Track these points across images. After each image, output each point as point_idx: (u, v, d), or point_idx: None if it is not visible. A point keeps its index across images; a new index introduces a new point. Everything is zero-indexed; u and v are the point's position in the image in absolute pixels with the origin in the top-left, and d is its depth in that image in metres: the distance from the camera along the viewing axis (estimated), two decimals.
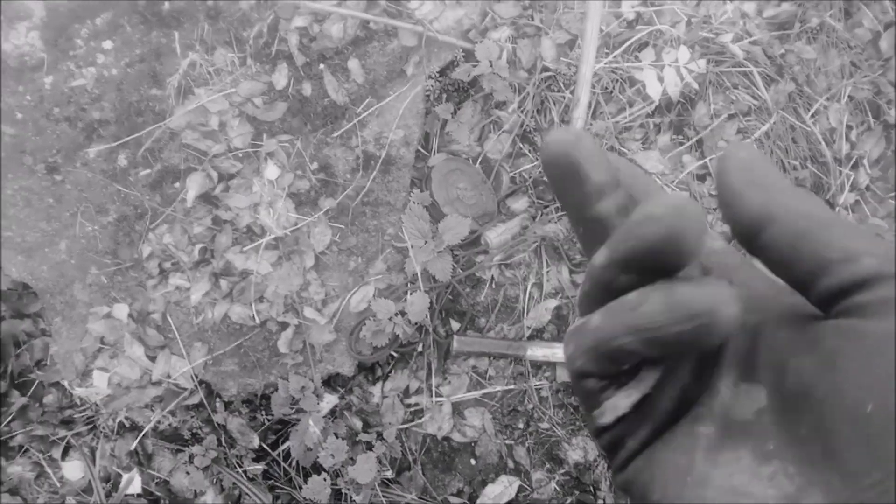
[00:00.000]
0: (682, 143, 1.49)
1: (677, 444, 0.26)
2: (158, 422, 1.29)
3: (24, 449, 1.35)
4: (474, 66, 1.39)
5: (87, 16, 1.29)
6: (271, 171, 1.31)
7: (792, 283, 0.25)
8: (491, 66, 1.38)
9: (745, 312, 0.27)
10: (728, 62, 1.52)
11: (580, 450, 1.33)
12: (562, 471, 1.32)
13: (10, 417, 1.34)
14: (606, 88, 1.49)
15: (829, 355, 0.23)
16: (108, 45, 1.29)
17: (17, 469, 1.33)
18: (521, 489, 1.30)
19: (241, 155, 1.31)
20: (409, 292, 1.29)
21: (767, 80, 1.54)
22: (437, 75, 1.41)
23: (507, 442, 1.32)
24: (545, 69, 1.46)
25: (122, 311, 1.27)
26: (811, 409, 0.23)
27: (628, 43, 1.48)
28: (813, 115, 1.54)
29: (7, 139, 1.28)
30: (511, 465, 1.31)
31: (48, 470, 1.33)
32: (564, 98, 1.47)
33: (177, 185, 1.31)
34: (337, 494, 1.23)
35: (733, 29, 1.53)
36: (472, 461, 1.31)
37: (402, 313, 1.25)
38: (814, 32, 1.58)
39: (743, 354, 0.26)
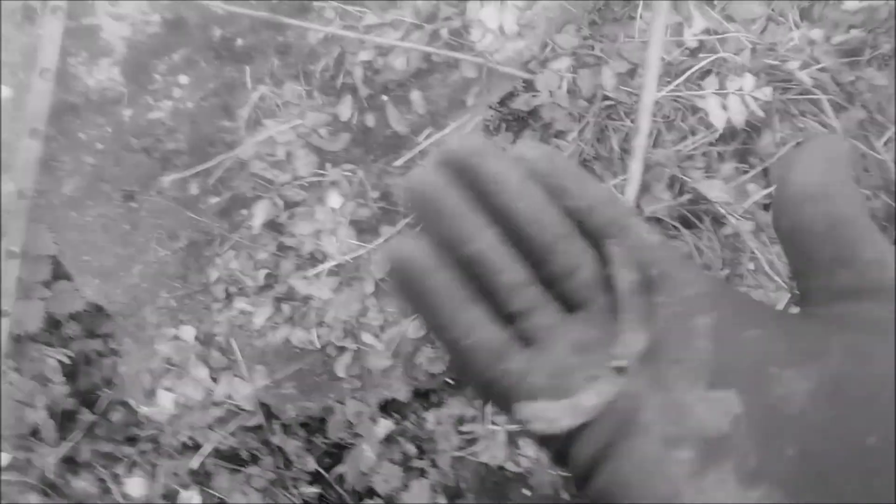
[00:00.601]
0: (746, 172, 1.46)
1: (655, 471, 0.25)
2: (219, 442, 1.32)
3: (89, 465, 1.40)
4: (534, 96, 1.41)
5: (165, 52, 1.37)
6: (334, 199, 1.34)
7: (801, 263, 0.25)
8: (551, 95, 1.40)
9: (694, 313, 0.27)
10: (795, 89, 1.49)
11: None
12: None
13: (79, 433, 1.40)
14: (668, 117, 1.48)
15: (831, 380, 0.22)
16: (184, 79, 1.36)
17: (83, 484, 1.38)
18: None
19: (305, 184, 1.35)
20: None
21: (837, 108, 1.50)
22: (497, 105, 1.43)
23: (561, 474, 1.29)
24: (605, 98, 1.46)
25: (188, 333, 1.32)
26: (802, 429, 0.22)
27: (691, 71, 1.47)
28: (885, 143, 1.48)
29: (88, 168, 1.36)
30: (566, 497, 1.28)
31: (112, 486, 1.38)
32: (625, 126, 1.46)
33: (244, 212, 1.36)
34: None
35: (800, 56, 1.50)
36: (526, 492, 1.29)
37: None
38: (885, 59, 1.53)
39: (706, 358, 0.25)
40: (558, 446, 0.28)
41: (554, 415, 0.27)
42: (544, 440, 0.28)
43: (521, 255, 0.29)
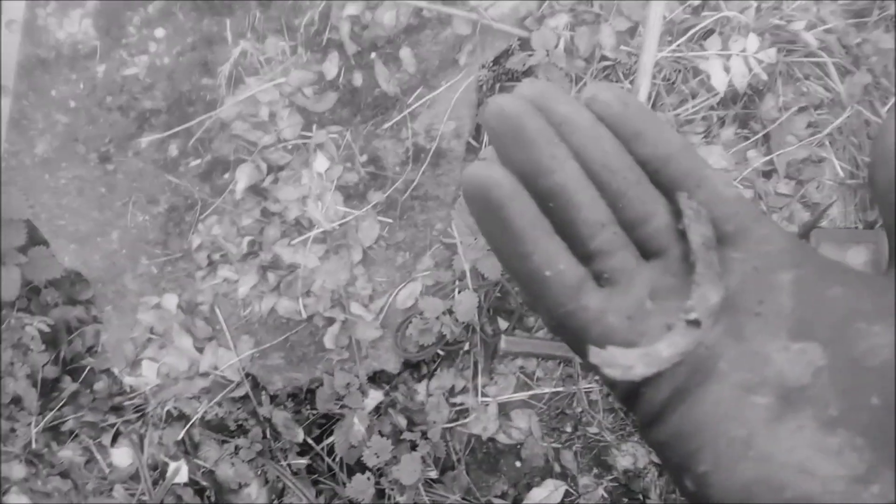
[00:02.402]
0: (747, 138, 1.41)
1: (731, 414, 0.24)
2: (205, 412, 1.29)
3: (74, 434, 1.38)
4: (530, 55, 1.34)
5: (139, 3, 1.28)
6: (320, 162, 1.29)
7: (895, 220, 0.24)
8: (547, 55, 1.33)
9: (775, 269, 0.26)
10: (800, 52, 1.44)
11: (630, 456, 1.28)
12: (610, 477, 1.28)
13: (61, 402, 1.37)
14: (668, 79, 1.42)
15: None
16: (160, 33, 1.28)
17: (68, 453, 1.36)
18: (567, 494, 1.27)
19: (290, 146, 1.29)
20: (457, 290, 1.26)
21: (842, 72, 1.45)
22: (491, 65, 1.36)
23: (553, 445, 1.28)
24: (604, 58, 1.40)
25: (171, 301, 1.28)
26: (888, 380, 0.21)
27: (693, 31, 1.41)
28: (888, 110, 1.44)
29: (61, 128, 1.29)
30: (557, 469, 1.28)
31: (97, 455, 1.35)
32: (623, 88, 1.41)
33: (226, 175, 1.30)
34: (380, 493, 1.21)
35: (806, 16, 1.44)
36: (518, 463, 1.28)
37: (450, 312, 1.22)
38: (893, 21, 1.48)
39: (787, 313, 0.25)
40: (627, 387, 0.27)
41: (628, 362, 0.27)
42: (613, 382, 0.28)
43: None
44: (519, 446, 1.28)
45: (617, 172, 0.28)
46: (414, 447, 1.22)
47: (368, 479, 1.15)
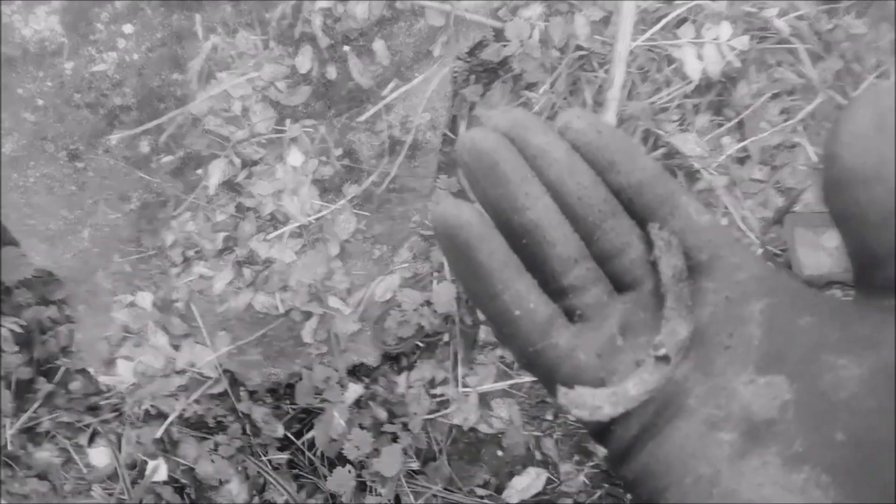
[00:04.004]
0: (721, 125, 1.42)
1: (697, 452, 0.24)
2: (183, 410, 1.28)
3: (50, 435, 1.36)
4: (504, 45, 1.34)
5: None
6: (295, 157, 1.28)
7: (857, 250, 0.23)
8: (521, 45, 1.33)
9: (746, 299, 0.26)
10: (772, 38, 1.45)
11: None
12: (591, 463, 1.29)
13: (36, 403, 1.35)
14: (642, 68, 1.42)
15: (885, 368, 0.21)
16: (128, 28, 1.27)
17: (45, 455, 1.34)
18: (548, 481, 1.28)
19: (264, 141, 1.28)
20: (435, 281, 1.25)
21: (814, 58, 1.46)
22: (466, 56, 1.36)
23: (534, 433, 1.29)
24: (578, 48, 1.40)
25: (145, 299, 1.26)
26: (853, 414, 0.21)
27: (666, 19, 1.41)
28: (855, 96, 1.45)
29: (28, 126, 1.27)
30: (539, 456, 1.28)
31: (75, 456, 1.34)
32: (598, 78, 1.41)
33: (199, 171, 1.28)
34: (362, 486, 1.21)
35: (778, 3, 1.45)
36: (499, 452, 1.29)
37: (429, 303, 1.22)
38: (864, 6, 1.49)
39: (756, 344, 0.24)
40: (597, 425, 0.27)
41: (596, 402, 0.27)
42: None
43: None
44: (500, 435, 1.28)
45: (593, 206, 0.28)
46: (395, 439, 1.22)
47: (349, 472, 1.15)
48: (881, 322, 0.22)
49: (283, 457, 1.27)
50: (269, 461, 1.27)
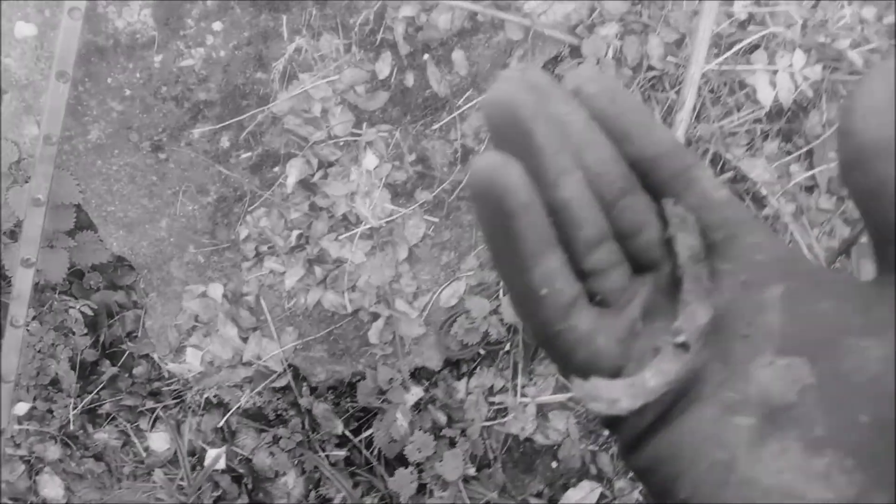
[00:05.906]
0: (790, 152, 1.43)
1: (712, 437, 0.23)
2: (245, 401, 1.31)
3: (111, 417, 1.39)
4: (580, 62, 1.36)
5: None
6: (370, 160, 1.30)
7: (876, 227, 0.22)
8: (598, 62, 1.35)
9: (764, 282, 0.25)
10: (844, 69, 1.45)
11: None
12: None
13: (100, 386, 1.38)
14: (713, 91, 1.44)
15: None
16: (217, 26, 1.30)
17: (104, 436, 1.37)
18: (602, 496, 1.28)
19: (340, 143, 1.31)
20: (501, 291, 1.27)
21: None
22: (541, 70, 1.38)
23: (590, 448, 1.30)
24: (650, 68, 1.42)
25: (217, 290, 1.29)
26: (878, 396, 0.20)
27: (740, 45, 1.42)
28: None
29: (115, 115, 1.30)
30: (594, 471, 1.29)
31: (134, 439, 1.37)
32: (668, 99, 1.42)
33: (276, 169, 1.31)
34: (421, 488, 1.23)
35: (851, 34, 1.46)
36: (554, 464, 1.30)
37: (495, 312, 1.23)
38: None
39: (775, 327, 0.24)
40: (610, 416, 0.26)
41: (613, 395, 0.25)
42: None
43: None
44: (556, 447, 1.29)
45: (613, 183, 0.26)
46: (453, 444, 1.23)
47: (411, 472, 1.16)
48: None
49: (341, 454, 1.29)
50: (327, 457, 1.29)
